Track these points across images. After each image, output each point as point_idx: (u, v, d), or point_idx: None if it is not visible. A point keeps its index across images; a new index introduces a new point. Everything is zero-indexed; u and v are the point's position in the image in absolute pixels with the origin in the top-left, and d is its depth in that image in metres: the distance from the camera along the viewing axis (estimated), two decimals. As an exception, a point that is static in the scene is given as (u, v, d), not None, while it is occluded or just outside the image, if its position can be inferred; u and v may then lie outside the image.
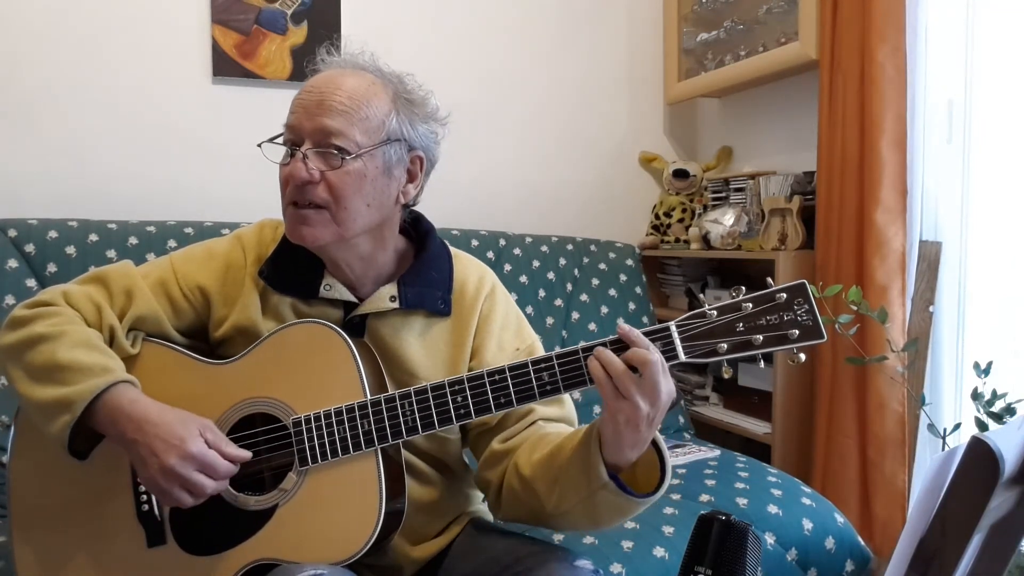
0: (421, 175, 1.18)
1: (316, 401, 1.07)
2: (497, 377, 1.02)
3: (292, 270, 1.17)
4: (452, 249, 1.26)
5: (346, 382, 1.07)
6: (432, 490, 1.19)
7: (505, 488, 1.13)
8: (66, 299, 1.12)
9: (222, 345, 1.18)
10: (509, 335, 1.22)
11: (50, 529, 1.11)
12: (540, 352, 1.22)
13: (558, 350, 1.02)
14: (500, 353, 1.20)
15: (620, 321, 0.99)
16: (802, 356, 0.97)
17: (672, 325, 0.99)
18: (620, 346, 0.98)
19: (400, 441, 1.06)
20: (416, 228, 1.25)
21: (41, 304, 1.11)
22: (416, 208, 1.24)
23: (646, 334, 0.98)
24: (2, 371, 1.12)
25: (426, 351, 1.18)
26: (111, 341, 1.12)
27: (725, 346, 0.98)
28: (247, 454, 1.05)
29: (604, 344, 0.99)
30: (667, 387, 0.95)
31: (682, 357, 0.99)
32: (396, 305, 1.15)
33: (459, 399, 1.03)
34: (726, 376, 1.01)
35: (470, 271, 1.24)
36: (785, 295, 0.97)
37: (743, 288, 0.99)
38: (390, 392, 1.06)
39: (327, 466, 1.05)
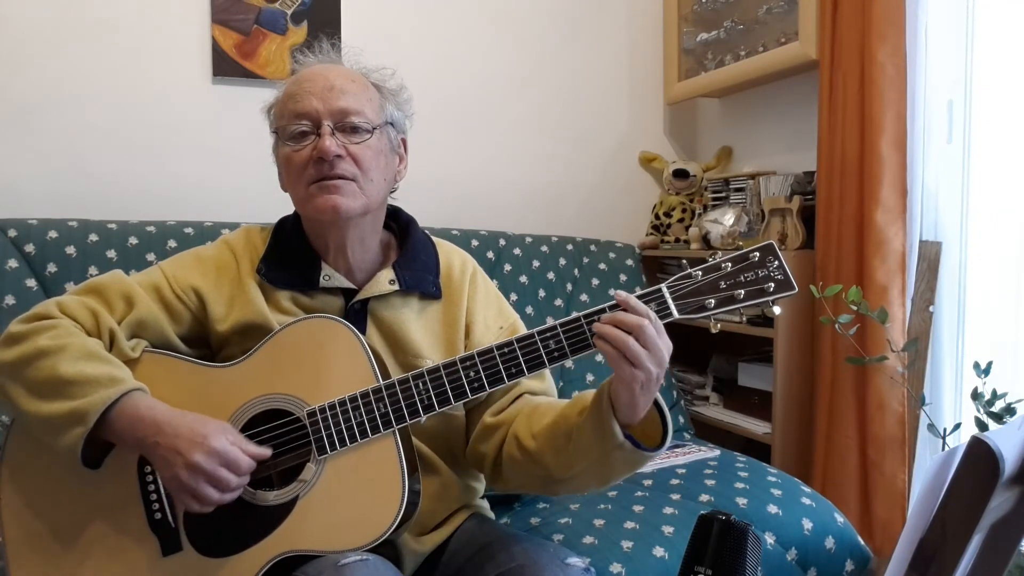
0: (406, 157, 1.27)
1: (328, 391, 1.09)
2: (506, 350, 1.07)
3: (289, 266, 1.20)
4: (433, 237, 1.32)
5: (356, 370, 1.09)
6: (436, 479, 1.21)
7: (505, 459, 1.18)
8: (61, 309, 1.12)
9: (228, 343, 1.18)
10: (492, 314, 1.29)
11: (56, 548, 1.08)
12: (522, 329, 1.30)
13: (560, 319, 1.06)
14: (487, 332, 1.26)
15: (612, 291, 1.07)
16: (776, 309, 1.06)
17: (663, 286, 1.06)
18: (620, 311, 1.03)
19: (418, 420, 1.07)
20: (396, 220, 1.31)
21: (36, 318, 1.11)
22: (395, 203, 1.31)
23: (640, 296, 1.04)
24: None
25: (425, 331, 1.23)
26: (111, 345, 1.12)
27: (712, 302, 1.05)
28: (267, 451, 1.07)
29: (604, 311, 1.03)
30: (666, 345, 1.02)
31: (675, 314, 1.05)
32: (396, 288, 1.20)
33: (472, 374, 1.07)
34: (713, 332, 1.07)
35: (453, 256, 1.31)
36: (758, 255, 1.06)
37: (719, 252, 1.09)
38: (402, 375, 1.08)
39: (345, 452, 1.07)
